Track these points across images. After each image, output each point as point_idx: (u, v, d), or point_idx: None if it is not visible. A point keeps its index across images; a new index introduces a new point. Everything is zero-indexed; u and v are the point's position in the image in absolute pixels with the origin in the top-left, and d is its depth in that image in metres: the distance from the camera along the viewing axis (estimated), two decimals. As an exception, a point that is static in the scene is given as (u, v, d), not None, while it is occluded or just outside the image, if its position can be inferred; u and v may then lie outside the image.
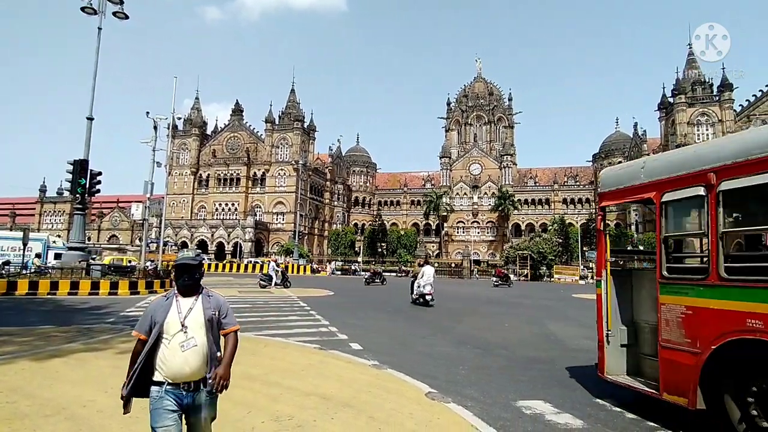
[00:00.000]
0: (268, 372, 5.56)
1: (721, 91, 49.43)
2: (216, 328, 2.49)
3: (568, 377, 6.23)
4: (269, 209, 63.64)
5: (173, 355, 2.37)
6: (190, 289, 2.51)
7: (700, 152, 4.42)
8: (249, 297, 16.87)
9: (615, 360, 5.22)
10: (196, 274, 2.51)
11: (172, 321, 2.40)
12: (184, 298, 2.48)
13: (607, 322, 5.27)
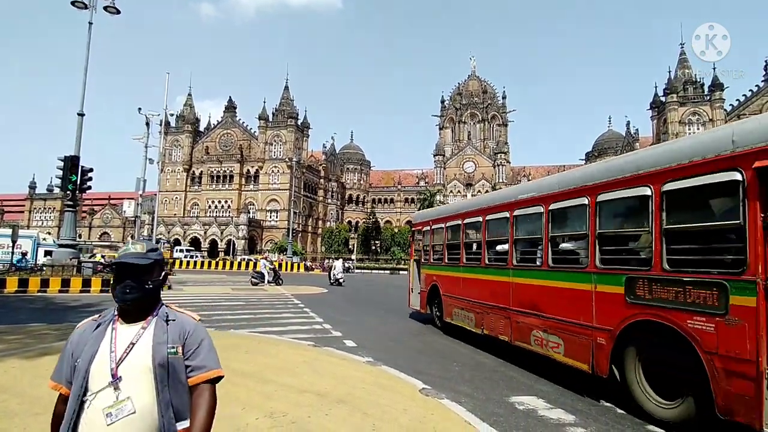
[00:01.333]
0: (262, 369, 5.55)
1: (712, 90, 49.92)
2: (177, 377, 1.52)
3: (561, 374, 6.27)
4: (263, 206, 63.41)
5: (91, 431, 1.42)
6: (136, 308, 1.55)
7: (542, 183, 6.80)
8: (242, 294, 16.81)
9: (414, 300, 11.40)
10: (148, 282, 1.54)
11: (97, 367, 1.46)
12: (124, 325, 1.55)
13: (410, 281, 11.77)
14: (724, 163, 3.82)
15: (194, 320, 1.68)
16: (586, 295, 5.22)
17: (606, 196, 5.08)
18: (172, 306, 1.68)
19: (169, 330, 1.56)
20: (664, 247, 4.28)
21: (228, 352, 6.50)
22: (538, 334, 6.08)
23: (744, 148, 3.69)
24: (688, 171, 4.14)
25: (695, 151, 4.16)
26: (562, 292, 5.72)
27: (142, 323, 1.56)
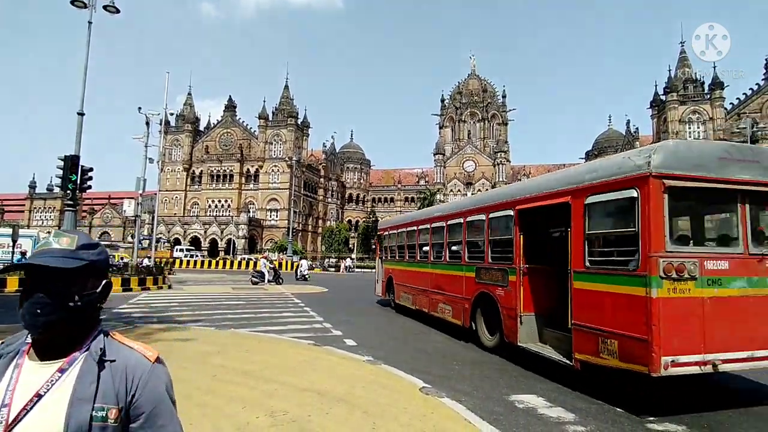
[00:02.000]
0: (262, 368, 5.57)
1: (712, 89, 49.82)
2: None
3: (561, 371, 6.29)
4: (263, 206, 63.42)
5: None
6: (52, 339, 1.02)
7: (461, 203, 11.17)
8: (243, 294, 16.84)
9: (378, 289, 13.92)
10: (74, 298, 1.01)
11: None
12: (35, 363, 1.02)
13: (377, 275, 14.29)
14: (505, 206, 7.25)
15: (149, 361, 1.07)
16: (461, 279, 8.43)
17: (472, 219, 8.32)
18: (117, 336, 1.11)
19: (102, 378, 0.99)
20: (488, 250, 7.59)
21: (229, 351, 6.53)
22: (441, 305, 9.29)
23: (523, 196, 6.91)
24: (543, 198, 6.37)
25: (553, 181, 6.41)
26: (452, 277, 8.90)
27: (62, 362, 1.00)
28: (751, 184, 4.77)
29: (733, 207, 4.92)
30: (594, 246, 5.38)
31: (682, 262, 4.42)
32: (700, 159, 4.79)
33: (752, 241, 4.77)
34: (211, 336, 7.85)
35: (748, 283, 4.68)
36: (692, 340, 4.41)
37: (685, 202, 5.12)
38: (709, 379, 5.44)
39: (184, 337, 7.47)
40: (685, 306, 4.44)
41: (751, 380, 5.77)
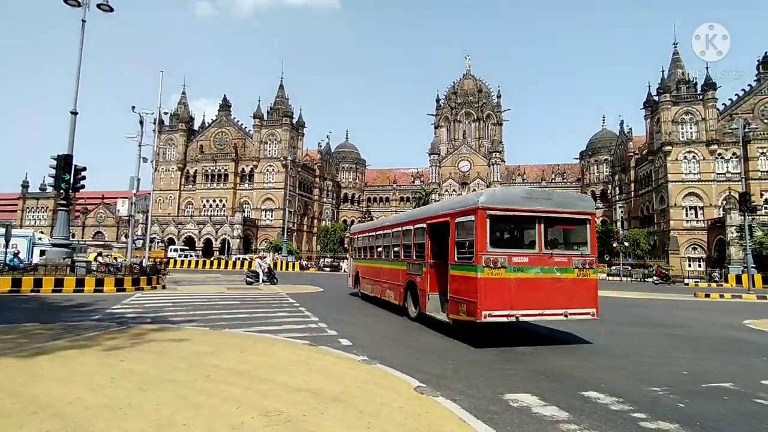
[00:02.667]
0: (257, 368, 5.56)
1: (704, 90, 50.17)
2: None
3: (555, 370, 6.33)
4: (258, 205, 63.24)
5: None
6: None
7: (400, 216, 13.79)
8: (238, 294, 16.79)
9: (350, 282, 17.07)
10: None
11: None
12: None
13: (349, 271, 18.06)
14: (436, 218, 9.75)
15: None
16: (398, 271, 11.64)
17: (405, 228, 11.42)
18: None
19: None
20: (413, 250, 10.69)
21: (223, 352, 6.50)
22: (388, 291, 12.50)
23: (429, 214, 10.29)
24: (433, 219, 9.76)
25: (440, 209, 9.82)
26: (394, 270, 12.05)
27: None
28: (544, 212, 8.07)
29: (533, 225, 8.09)
30: (459, 247, 8.42)
31: (497, 258, 7.57)
32: (509, 198, 8.41)
33: (545, 245, 8.02)
34: (206, 336, 7.82)
35: (540, 270, 7.88)
36: (502, 302, 7.56)
37: (501, 222, 8.43)
38: (526, 328, 10.07)
39: (178, 338, 7.44)
40: (498, 283, 7.56)
41: (546, 327, 10.21)
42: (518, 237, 8.95)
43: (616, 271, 45.37)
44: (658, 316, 14.15)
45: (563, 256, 8.25)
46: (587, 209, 8.82)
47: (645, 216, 57.03)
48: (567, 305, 8.08)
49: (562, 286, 8.12)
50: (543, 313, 7.96)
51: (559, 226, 8.71)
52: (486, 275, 7.51)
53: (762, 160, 48.45)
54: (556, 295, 8.00)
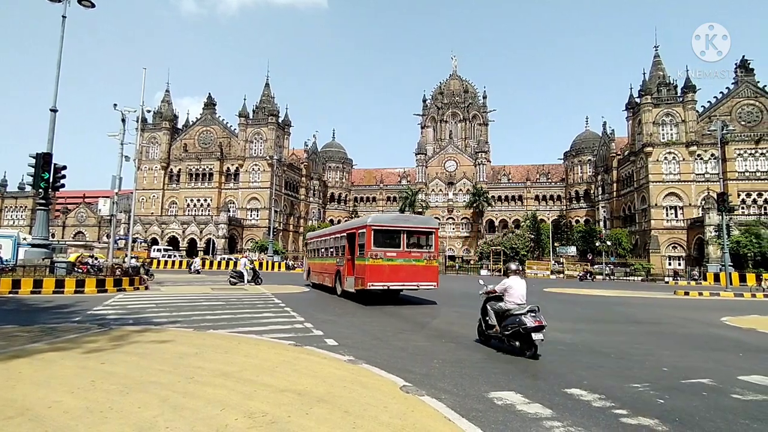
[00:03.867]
0: (241, 369, 5.51)
1: (684, 92, 51.24)
2: None
3: (539, 368, 6.41)
4: (243, 205, 62.66)
5: None
6: None
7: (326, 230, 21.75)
8: (222, 294, 16.61)
9: (305, 275, 23.47)
10: None
11: None
12: None
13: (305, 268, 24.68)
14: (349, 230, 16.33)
15: None
16: (332, 264, 17.66)
17: (335, 236, 17.78)
18: None
19: None
20: (341, 250, 16.52)
21: (207, 353, 6.43)
22: (326, 278, 18.52)
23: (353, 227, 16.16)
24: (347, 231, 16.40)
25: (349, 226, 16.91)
26: (331, 264, 17.80)
27: None
28: (405, 228, 14.69)
29: (399, 235, 14.41)
30: (360, 248, 14.33)
31: (377, 253, 13.85)
32: (385, 220, 15.45)
33: (406, 246, 14.44)
34: (189, 337, 7.73)
35: (403, 260, 14.21)
36: (380, 278, 13.77)
37: (380, 233, 14.25)
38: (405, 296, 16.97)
39: (161, 339, 7.33)
40: (378, 267, 13.80)
41: (414, 296, 16.86)
42: (390, 241, 14.58)
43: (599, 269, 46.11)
44: (638, 314, 14.42)
45: (417, 252, 14.78)
46: (432, 226, 15.64)
47: (627, 215, 58.05)
48: (419, 280, 14.60)
49: (416, 269, 14.51)
50: (404, 284, 14.62)
51: (415, 235, 15.11)
52: (371, 263, 13.86)
53: (739, 161, 49.71)
54: (412, 274, 14.44)
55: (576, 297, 21.09)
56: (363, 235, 14.23)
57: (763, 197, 48.69)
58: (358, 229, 15.01)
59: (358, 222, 16.65)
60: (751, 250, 39.35)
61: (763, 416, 4.51)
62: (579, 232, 58.69)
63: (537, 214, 65.05)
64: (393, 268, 14.02)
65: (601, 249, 49.83)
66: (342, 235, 16.61)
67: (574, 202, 69.32)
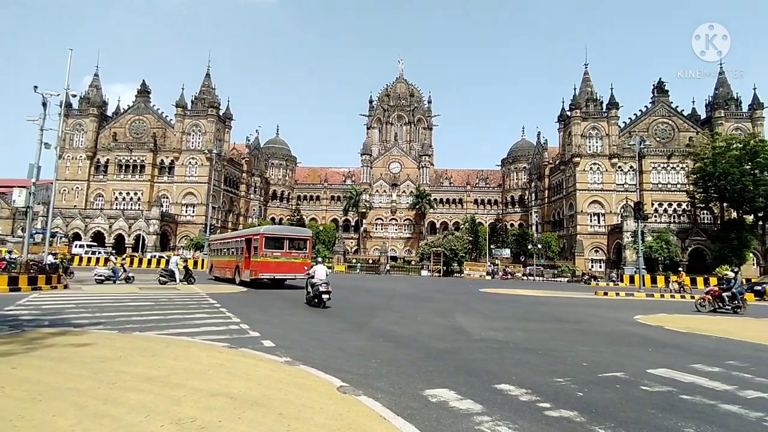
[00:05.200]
0: (169, 373, 5.24)
1: (609, 108, 55.57)
2: None
3: (472, 366, 6.67)
4: (178, 200, 59.45)
5: None
6: None
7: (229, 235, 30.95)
8: (151, 294, 15.68)
9: (208, 271, 28.74)
10: None
11: None
12: None
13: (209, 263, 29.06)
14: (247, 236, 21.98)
15: None
16: (233, 261, 22.95)
17: (235, 240, 23.93)
18: None
19: None
20: (239, 250, 22.26)
21: (132, 356, 6.06)
22: (227, 272, 23.65)
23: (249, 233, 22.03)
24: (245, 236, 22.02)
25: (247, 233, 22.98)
26: (231, 261, 23.13)
27: None
28: (288, 236, 21.13)
29: (283, 240, 20.47)
30: (255, 249, 20.05)
31: (266, 252, 19.75)
32: (273, 230, 23.27)
33: (287, 248, 20.42)
34: (113, 340, 7.23)
35: (285, 258, 20.11)
36: (268, 270, 19.81)
37: (269, 239, 20.12)
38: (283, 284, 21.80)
39: (80, 342, 6.80)
40: (267, 263, 19.70)
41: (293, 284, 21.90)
42: (277, 245, 20.23)
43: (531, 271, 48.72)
44: (562, 313, 15.42)
45: (296, 253, 20.55)
46: (307, 235, 22.31)
47: (556, 220, 61.84)
48: (296, 272, 19.82)
49: (295, 265, 20.05)
50: (285, 275, 20.33)
51: (295, 241, 20.91)
52: (262, 260, 19.53)
53: (654, 173, 54.63)
54: (292, 269, 20.07)
55: (509, 297, 22.14)
56: (257, 240, 19.86)
57: (672, 207, 53.84)
58: (254, 235, 20.62)
59: (254, 230, 22.66)
60: (661, 254, 43.41)
61: (668, 406, 5.00)
62: (513, 235, 61.63)
63: (476, 218, 67.53)
64: (278, 264, 19.93)
65: (532, 252, 52.70)
66: (241, 239, 22.13)
67: (510, 207, 72.75)
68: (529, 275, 47.57)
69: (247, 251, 20.85)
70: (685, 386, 5.86)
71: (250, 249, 20.46)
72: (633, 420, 4.47)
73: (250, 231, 23.55)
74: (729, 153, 41.55)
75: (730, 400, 5.29)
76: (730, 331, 11.58)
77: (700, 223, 49.97)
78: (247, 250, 20.87)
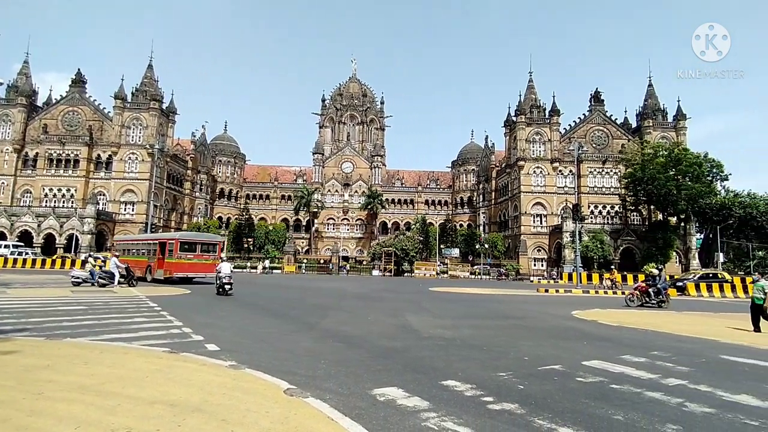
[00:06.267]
0: (103, 381, 4.94)
1: (551, 115, 58.54)
2: None
3: (420, 363, 6.79)
4: (115, 197, 55.97)
5: None
6: None
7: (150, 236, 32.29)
8: (85, 298, 14.65)
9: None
10: None
11: None
12: None
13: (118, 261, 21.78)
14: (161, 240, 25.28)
15: None
16: (144, 260, 24.97)
17: (148, 241, 27.19)
18: None
19: None
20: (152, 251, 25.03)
21: (62, 364, 5.65)
22: (139, 271, 23.11)
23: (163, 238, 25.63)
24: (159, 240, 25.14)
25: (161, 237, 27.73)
26: (143, 260, 24.97)
27: None
28: (200, 241, 24.75)
29: (196, 244, 24.14)
30: (171, 251, 23.25)
31: (180, 255, 23.00)
32: (188, 236, 26.72)
33: (200, 251, 24.04)
34: (40, 347, 6.70)
35: (197, 260, 23.62)
36: (182, 270, 23.11)
37: (184, 243, 23.47)
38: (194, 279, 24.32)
39: (2, 350, 6.25)
40: (181, 263, 22.98)
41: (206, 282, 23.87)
42: (190, 248, 23.50)
43: (478, 270, 50.31)
44: (507, 310, 16.07)
45: (206, 255, 23.97)
46: (217, 240, 26.17)
47: (502, 221, 64.23)
48: (206, 272, 23.03)
49: (205, 266, 23.51)
50: (196, 274, 23.74)
51: (206, 245, 24.46)
52: (176, 261, 22.79)
53: (590, 177, 58.11)
54: (203, 268, 23.58)
55: (457, 296, 22.74)
56: (173, 244, 23.14)
57: (606, 209, 57.51)
58: (169, 240, 24.09)
59: (169, 236, 28.06)
60: (596, 253, 46.33)
61: (600, 395, 5.35)
62: (462, 235, 63.32)
63: (426, 218, 68.71)
64: (191, 264, 23.41)
65: (480, 251, 54.40)
66: (155, 242, 25.21)
67: (459, 208, 74.68)
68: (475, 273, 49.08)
69: (161, 253, 23.75)
70: (615, 376, 6.29)
71: (165, 251, 23.52)
72: (569, 410, 4.73)
73: (164, 236, 29.42)
74: (656, 160, 45.10)
75: (654, 387, 5.74)
76: (655, 324, 12.56)
77: (631, 224, 53.75)
78: (161, 252, 23.79)
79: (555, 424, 4.26)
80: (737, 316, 15.43)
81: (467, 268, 51.30)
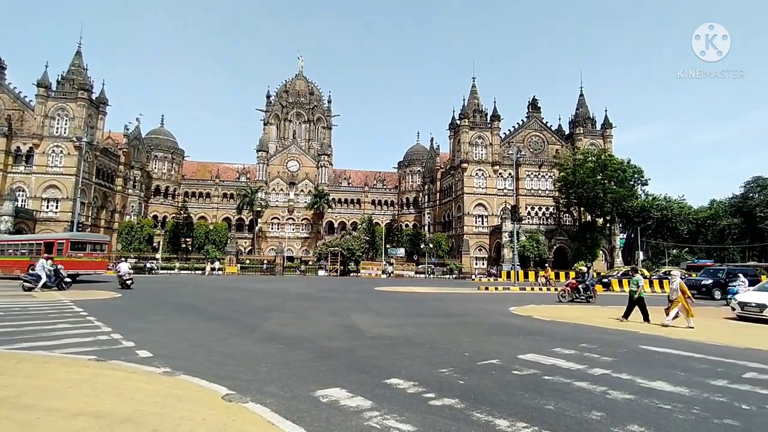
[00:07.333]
0: (21, 393, 4.53)
1: (492, 120, 60.94)
2: None
3: (364, 363, 6.83)
4: (37, 194, 51.22)
5: None
6: None
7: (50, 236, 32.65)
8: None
9: None
10: None
11: None
12: None
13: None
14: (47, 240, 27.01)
15: None
16: (27, 261, 24.81)
17: (32, 241, 28.10)
18: None
19: None
20: (31, 253, 25.96)
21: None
22: (18, 270, 24.90)
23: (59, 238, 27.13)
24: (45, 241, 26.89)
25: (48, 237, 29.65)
26: (24, 261, 25.53)
27: None
28: (89, 240, 27.54)
29: (86, 244, 26.31)
30: (59, 251, 24.19)
31: (72, 254, 24.55)
32: (77, 236, 27.87)
33: (90, 250, 26.05)
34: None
35: (87, 258, 25.65)
36: (73, 267, 23.46)
37: (75, 243, 25.23)
38: None
39: None
40: (71, 261, 23.51)
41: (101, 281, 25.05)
42: (80, 247, 25.31)
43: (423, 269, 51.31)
44: (449, 308, 16.53)
45: (96, 254, 26.53)
46: (105, 240, 29.55)
47: (447, 221, 65.93)
48: (96, 269, 26.11)
49: (95, 263, 26.22)
50: (87, 271, 25.30)
51: (95, 244, 26.72)
52: (67, 259, 23.29)
53: (527, 180, 61.12)
54: (92, 266, 25.85)
55: (402, 295, 23.06)
56: (62, 244, 24.62)
57: (542, 210, 60.74)
58: (57, 239, 25.79)
59: (57, 236, 29.70)
60: (532, 252, 48.86)
61: (533, 387, 5.66)
62: (408, 235, 64.27)
63: (373, 218, 69.06)
64: (81, 262, 24.83)
65: (425, 251, 55.49)
66: (39, 242, 26.67)
67: (405, 208, 75.74)
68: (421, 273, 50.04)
69: (46, 252, 24.04)
70: (547, 368, 6.68)
71: (52, 251, 24.17)
72: (505, 402, 4.96)
73: (51, 236, 31.58)
74: (585, 165, 48.31)
75: (581, 377, 6.16)
76: (584, 318, 13.46)
77: (563, 225, 57.10)
78: (46, 251, 24.12)
79: (492, 417, 4.45)
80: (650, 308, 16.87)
81: (412, 268, 52.12)
